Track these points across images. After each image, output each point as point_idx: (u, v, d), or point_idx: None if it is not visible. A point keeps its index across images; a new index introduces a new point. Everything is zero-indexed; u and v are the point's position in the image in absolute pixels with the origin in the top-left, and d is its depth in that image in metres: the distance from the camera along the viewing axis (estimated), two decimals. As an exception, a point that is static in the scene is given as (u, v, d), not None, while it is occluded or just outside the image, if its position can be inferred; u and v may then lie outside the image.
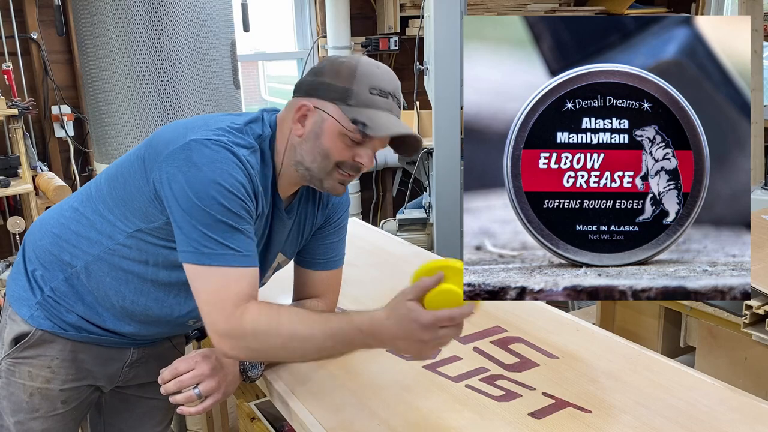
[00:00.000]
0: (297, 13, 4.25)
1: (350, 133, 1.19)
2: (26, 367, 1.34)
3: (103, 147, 2.65)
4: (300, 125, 1.22)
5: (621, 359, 1.37)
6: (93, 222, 1.28)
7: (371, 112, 1.18)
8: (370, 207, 4.47)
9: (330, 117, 1.19)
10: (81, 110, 3.43)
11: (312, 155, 1.21)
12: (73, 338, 1.33)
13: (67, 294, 1.31)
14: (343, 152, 1.20)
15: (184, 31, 2.48)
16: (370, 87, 1.19)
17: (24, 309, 1.33)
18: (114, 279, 1.28)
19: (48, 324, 1.32)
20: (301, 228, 1.37)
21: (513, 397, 1.24)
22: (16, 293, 1.35)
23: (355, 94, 1.18)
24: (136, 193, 1.22)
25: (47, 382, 1.34)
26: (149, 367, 1.45)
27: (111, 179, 1.29)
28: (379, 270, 1.89)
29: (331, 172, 1.22)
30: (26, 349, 1.33)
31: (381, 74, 1.21)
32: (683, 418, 1.16)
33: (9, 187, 2.95)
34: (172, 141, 1.18)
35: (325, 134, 1.20)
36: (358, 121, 1.17)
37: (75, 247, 1.30)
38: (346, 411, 1.20)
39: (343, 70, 1.20)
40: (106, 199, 1.28)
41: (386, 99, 1.21)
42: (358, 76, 1.19)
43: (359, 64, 1.20)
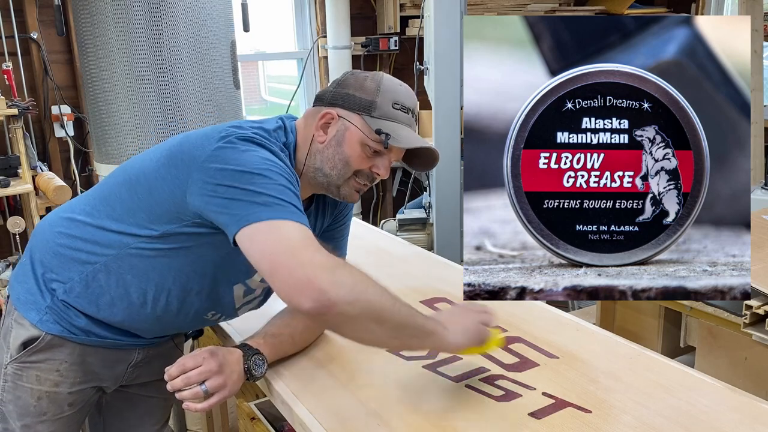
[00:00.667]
0: (297, 13, 4.25)
1: (372, 143, 1.24)
2: (34, 371, 1.33)
3: (103, 147, 2.66)
4: (323, 132, 1.27)
5: (621, 359, 1.37)
6: (112, 223, 1.27)
7: (393, 124, 1.25)
8: (370, 207, 4.47)
9: (353, 126, 1.25)
10: (81, 110, 3.43)
11: (332, 162, 1.26)
12: (82, 342, 1.33)
13: (81, 295, 1.29)
14: (362, 161, 1.26)
15: (184, 31, 2.48)
16: (393, 102, 1.26)
17: (32, 313, 1.31)
18: (135, 276, 1.27)
19: (57, 328, 1.31)
20: (311, 229, 1.38)
21: (513, 397, 1.24)
22: (23, 297, 1.34)
23: (379, 107, 1.25)
24: (165, 198, 1.21)
25: (56, 386, 1.34)
26: (152, 366, 1.45)
27: (132, 184, 1.27)
28: (379, 270, 1.89)
29: (349, 180, 1.28)
30: (35, 353, 1.32)
31: (403, 91, 1.29)
32: (683, 418, 1.16)
33: (9, 187, 2.95)
34: (207, 142, 1.17)
35: (347, 142, 1.25)
36: (381, 131, 1.23)
37: (94, 245, 1.28)
38: (346, 411, 1.20)
39: (368, 84, 1.27)
40: (125, 202, 1.26)
41: (407, 114, 1.28)
42: (383, 90, 1.26)
43: (383, 79, 1.28)
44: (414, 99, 1.31)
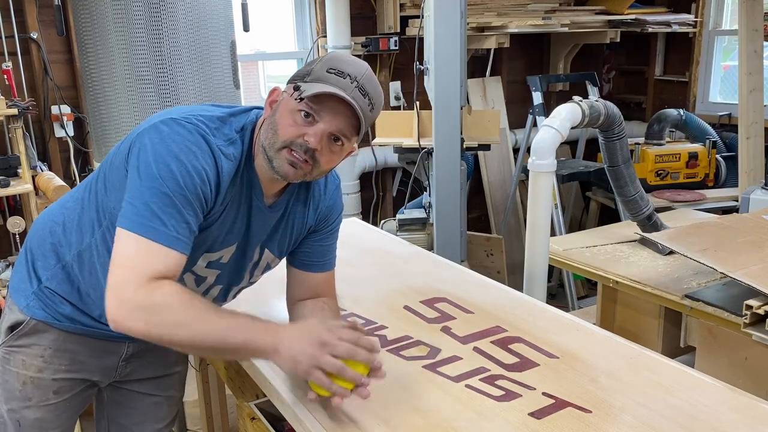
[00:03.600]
0: (297, 13, 4.24)
1: (296, 105, 1.18)
2: (20, 355, 1.36)
3: (103, 147, 2.65)
4: (270, 109, 1.25)
5: (621, 359, 1.37)
6: (87, 209, 1.31)
7: (318, 84, 1.17)
8: (370, 207, 4.46)
9: (286, 95, 1.22)
10: (81, 110, 3.43)
11: (266, 132, 1.23)
12: (67, 329, 1.35)
13: (63, 281, 1.33)
14: (290, 129, 1.19)
15: (184, 31, 2.48)
16: (329, 67, 1.19)
17: (21, 299, 1.36)
18: (102, 267, 1.27)
19: (42, 314, 1.34)
20: (290, 227, 1.37)
21: (513, 397, 1.24)
22: (16, 284, 1.39)
23: (313, 73, 1.20)
24: (113, 173, 1.25)
25: (39, 372, 1.37)
26: (146, 362, 1.46)
27: (102, 171, 1.31)
28: (379, 270, 1.89)
29: (281, 151, 1.20)
30: (20, 337, 1.36)
31: (348, 60, 1.22)
32: (683, 418, 1.16)
33: (9, 187, 2.95)
34: (153, 119, 1.21)
35: (279, 112, 1.22)
36: (298, 87, 1.18)
37: (70, 235, 1.32)
38: (346, 411, 1.20)
39: (319, 57, 1.24)
40: (96, 187, 1.30)
41: (341, 78, 1.17)
42: (323, 60, 1.21)
43: (332, 53, 1.23)
44: (361, 69, 1.20)
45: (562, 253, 2.49)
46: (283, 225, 1.36)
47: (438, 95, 3.08)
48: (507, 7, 4.32)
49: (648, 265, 2.32)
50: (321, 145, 1.19)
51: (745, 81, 3.18)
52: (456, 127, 3.11)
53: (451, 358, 1.38)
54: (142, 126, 1.22)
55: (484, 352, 1.41)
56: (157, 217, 1.12)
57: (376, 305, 1.64)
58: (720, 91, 4.70)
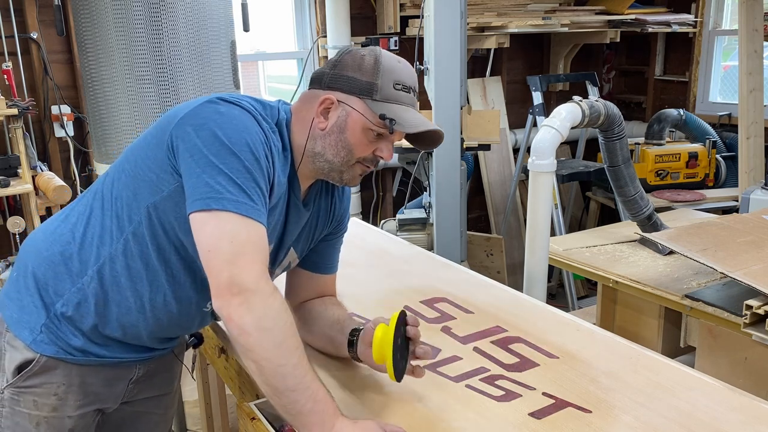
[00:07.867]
0: (297, 13, 4.24)
1: (377, 128, 1.19)
2: (31, 396, 1.26)
3: (103, 147, 2.65)
4: (323, 118, 1.21)
5: (621, 359, 1.37)
6: (102, 219, 1.22)
7: (396, 107, 1.20)
8: (370, 207, 4.46)
9: (355, 111, 1.20)
10: (81, 110, 3.43)
11: (335, 149, 1.21)
12: (80, 363, 1.26)
13: (79, 306, 1.23)
14: (366, 147, 1.22)
15: (184, 31, 2.48)
16: (395, 82, 1.20)
17: (25, 333, 1.24)
18: (128, 279, 1.21)
19: (52, 349, 1.24)
20: (313, 225, 1.35)
21: (513, 397, 1.24)
22: (16, 315, 1.26)
23: (380, 89, 1.19)
24: (146, 166, 1.17)
25: (54, 410, 1.27)
26: (154, 381, 1.41)
27: (118, 173, 1.24)
28: (379, 270, 1.89)
29: (353, 166, 1.23)
30: (30, 377, 1.25)
31: (403, 68, 1.23)
32: (683, 418, 1.16)
33: (9, 187, 2.95)
34: (192, 104, 1.16)
35: (350, 129, 1.20)
36: (385, 116, 1.18)
37: (86, 252, 1.22)
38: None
39: (366, 63, 1.20)
40: (114, 191, 1.22)
41: (408, 94, 1.22)
42: (382, 70, 1.20)
43: (381, 56, 1.21)
44: (414, 75, 1.25)
45: (562, 253, 2.49)
46: (311, 221, 1.34)
47: (438, 95, 3.08)
48: (507, 7, 4.32)
49: (648, 265, 2.32)
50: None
51: (745, 81, 3.18)
52: (456, 127, 3.11)
53: (451, 358, 1.38)
54: (178, 114, 1.15)
55: (484, 352, 1.41)
56: (242, 191, 1.06)
57: (376, 305, 1.64)
58: (720, 91, 4.70)
